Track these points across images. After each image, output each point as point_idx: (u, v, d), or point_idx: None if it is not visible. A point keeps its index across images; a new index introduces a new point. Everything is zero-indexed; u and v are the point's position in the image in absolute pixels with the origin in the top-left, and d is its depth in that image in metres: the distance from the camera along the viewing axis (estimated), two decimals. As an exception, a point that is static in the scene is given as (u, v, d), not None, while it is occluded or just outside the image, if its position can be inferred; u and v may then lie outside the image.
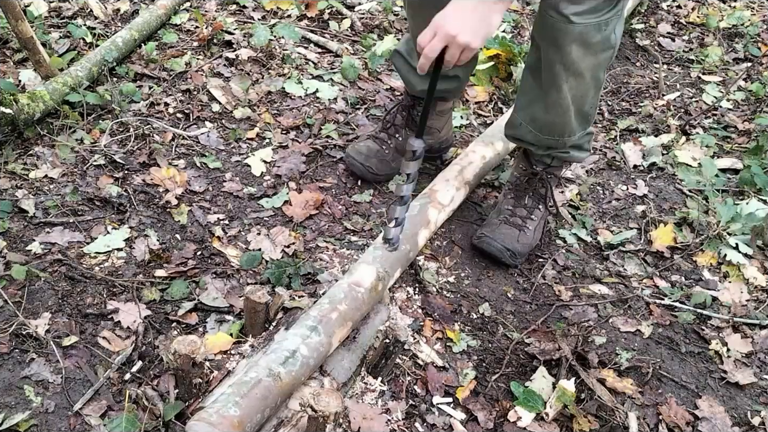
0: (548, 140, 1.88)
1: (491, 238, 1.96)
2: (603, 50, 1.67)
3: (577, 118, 1.83)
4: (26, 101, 2.07)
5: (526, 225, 1.98)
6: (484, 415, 1.57)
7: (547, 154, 1.95)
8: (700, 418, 1.61)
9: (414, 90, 2.11)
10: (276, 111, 2.47)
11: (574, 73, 1.69)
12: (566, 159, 1.98)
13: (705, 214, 2.20)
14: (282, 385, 1.32)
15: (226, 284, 1.78)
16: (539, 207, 2.02)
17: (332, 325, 1.46)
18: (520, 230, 1.97)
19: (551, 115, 1.81)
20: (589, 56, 1.66)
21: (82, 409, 1.45)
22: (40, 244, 1.80)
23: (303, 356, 1.38)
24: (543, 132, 1.86)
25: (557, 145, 1.90)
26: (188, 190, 2.06)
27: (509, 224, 1.98)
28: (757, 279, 2.00)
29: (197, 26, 2.81)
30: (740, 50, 3.22)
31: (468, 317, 1.81)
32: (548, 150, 1.93)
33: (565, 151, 1.94)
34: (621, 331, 1.82)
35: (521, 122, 1.89)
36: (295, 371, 1.35)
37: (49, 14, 2.76)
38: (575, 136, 1.88)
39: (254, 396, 1.27)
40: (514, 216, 2.00)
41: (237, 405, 1.23)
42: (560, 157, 1.96)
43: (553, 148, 1.92)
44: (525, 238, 1.98)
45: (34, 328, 1.57)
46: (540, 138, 1.88)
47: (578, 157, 1.98)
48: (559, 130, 1.85)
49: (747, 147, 2.54)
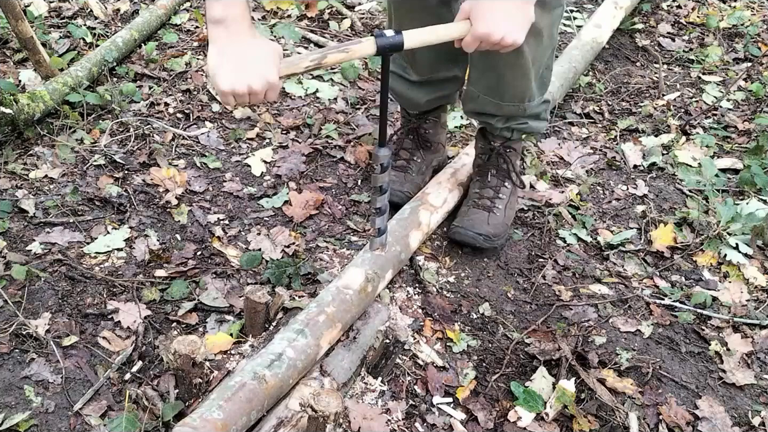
0: (509, 107, 1.87)
1: (461, 226, 1.97)
2: (555, 7, 1.70)
3: (537, 81, 1.83)
4: (26, 101, 2.07)
5: (495, 205, 1.99)
6: (484, 415, 1.57)
7: (506, 127, 1.95)
8: (700, 418, 1.61)
9: (419, 107, 2.08)
10: (276, 111, 2.47)
11: (533, 32, 1.65)
12: (525, 130, 1.98)
13: (705, 214, 2.20)
14: (268, 387, 1.32)
15: (226, 284, 1.78)
16: (505, 184, 2.02)
17: (320, 328, 1.47)
18: (489, 212, 1.98)
19: (511, 79, 1.80)
20: (545, 14, 1.66)
21: (82, 409, 1.45)
22: (40, 244, 1.80)
23: (289, 358, 1.38)
24: (504, 99, 1.85)
25: (517, 113, 1.90)
26: (188, 190, 2.06)
27: (478, 207, 1.99)
28: (757, 279, 2.00)
29: (197, 26, 2.81)
30: (740, 50, 3.22)
31: (468, 317, 1.81)
32: (508, 122, 1.93)
33: (523, 121, 1.93)
34: (621, 331, 1.82)
35: (479, 94, 1.87)
36: (281, 373, 1.36)
37: (49, 14, 2.76)
38: (534, 101, 1.88)
39: (238, 399, 1.27)
40: (481, 198, 2.00)
41: (220, 408, 1.24)
42: (519, 128, 1.96)
43: (513, 119, 1.92)
44: (495, 219, 1.98)
45: (34, 328, 1.57)
46: (501, 106, 1.87)
47: (537, 127, 1.98)
48: (520, 95, 1.84)
49: (747, 147, 2.54)
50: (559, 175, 2.35)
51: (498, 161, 2.01)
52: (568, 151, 2.48)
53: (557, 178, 2.33)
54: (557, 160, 2.44)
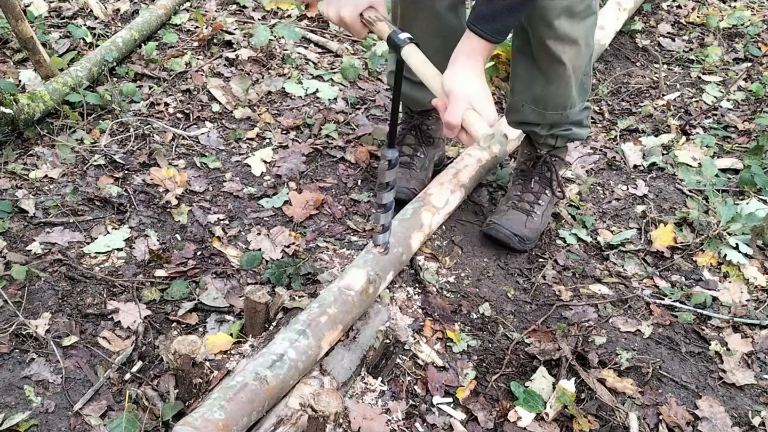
0: (552, 116, 1.92)
1: (499, 224, 2.00)
2: (587, 16, 1.73)
3: (577, 88, 1.88)
4: (26, 101, 2.07)
5: (533, 210, 2.03)
6: (484, 415, 1.57)
7: (551, 134, 1.99)
8: (700, 418, 1.61)
9: (422, 105, 2.09)
10: (276, 111, 2.47)
11: (569, 42, 1.73)
12: (569, 137, 2.02)
13: (705, 214, 2.20)
14: (269, 388, 1.32)
15: (226, 284, 1.78)
16: (546, 192, 2.06)
17: (321, 329, 1.46)
18: (528, 215, 2.02)
19: (554, 89, 1.85)
20: (579, 24, 1.72)
21: (82, 409, 1.45)
22: (40, 244, 1.80)
23: (291, 359, 1.38)
24: (548, 108, 1.90)
25: (561, 121, 1.94)
26: (188, 190, 2.06)
27: (517, 209, 2.03)
28: (757, 279, 2.00)
29: (197, 26, 2.81)
30: (740, 50, 3.22)
31: (468, 317, 1.81)
32: (552, 129, 1.97)
33: (567, 128, 1.98)
34: (621, 331, 1.82)
35: (523, 104, 1.91)
36: (283, 374, 1.36)
37: (49, 14, 2.76)
38: (576, 108, 1.93)
39: (240, 400, 1.27)
40: (521, 201, 2.04)
41: (222, 408, 1.24)
42: (563, 135, 2.00)
43: (557, 126, 1.96)
44: (533, 224, 2.02)
45: (34, 328, 1.57)
46: (544, 115, 1.92)
47: (580, 134, 2.03)
48: (563, 103, 1.89)
49: (747, 147, 2.54)
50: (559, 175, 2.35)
51: (543, 169, 2.06)
52: (568, 150, 2.48)
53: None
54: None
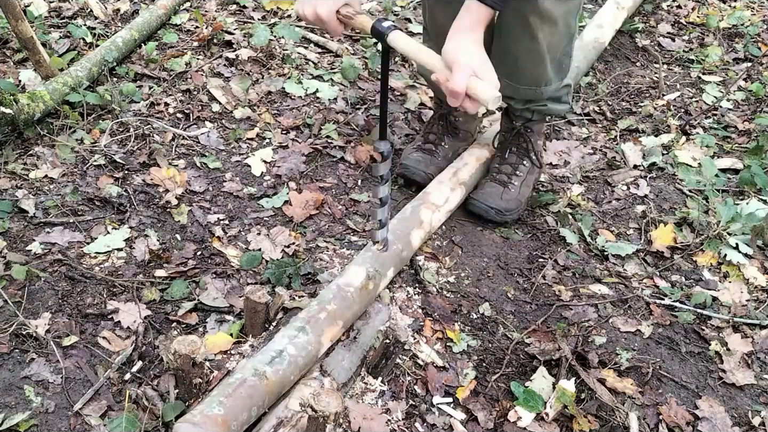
0: (526, 91, 1.96)
1: (476, 199, 2.06)
2: None
3: (553, 66, 1.91)
4: (26, 101, 2.07)
5: (510, 181, 2.07)
6: (484, 415, 1.57)
7: (526, 108, 2.04)
8: (700, 418, 1.61)
9: None
10: (276, 111, 2.47)
11: (548, 20, 1.76)
12: (545, 112, 2.07)
13: (705, 214, 2.20)
14: (269, 384, 1.33)
15: (226, 284, 1.78)
16: (524, 162, 2.11)
17: (321, 325, 1.47)
18: (505, 186, 2.06)
19: (527, 65, 1.88)
20: (561, 3, 1.74)
21: (82, 409, 1.45)
22: (40, 244, 1.80)
23: (290, 355, 1.39)
24: (521, 83, 1.94)
25: (535, 97, 1.98)
26: (188, 190, 2.06)
27: (495, 181, 2.08)
28: (757, 279, 2.00)
29: (197, 26, 2.81)
30: (740, 50, 3.22)
31: (468, 317, 1.81)
32: (527, 104, 2.02)
33: (543, 103, 2.02)
34: (621, 331, 1.82)
35: (498, 77, 1.92)
36: (283, 370, 1.36)
37: (49, 14, 2.76)
38: (552, 86, 1.96)
39: (239, 395, 1.28)
40: (499, 173, 2.10)
41: (221, 404, 1.25)
42: (539, 110, 2.05)
43: (532, 101, 2.00)
44: (509, 194, 2.06)
45: (34, 328, 1.57)
46: (518, 90, 1.96)
47: (557, 109, 2.06)
48: (536, 80, 1.93)
49: (747, 147, 2.54)
50: (560, 175, 2.35)
51: (518, 140, 2.11)
52: (568, 150, 2.48)
53: (557, 178, 2.33)
54: (558, 160, 2.43)
